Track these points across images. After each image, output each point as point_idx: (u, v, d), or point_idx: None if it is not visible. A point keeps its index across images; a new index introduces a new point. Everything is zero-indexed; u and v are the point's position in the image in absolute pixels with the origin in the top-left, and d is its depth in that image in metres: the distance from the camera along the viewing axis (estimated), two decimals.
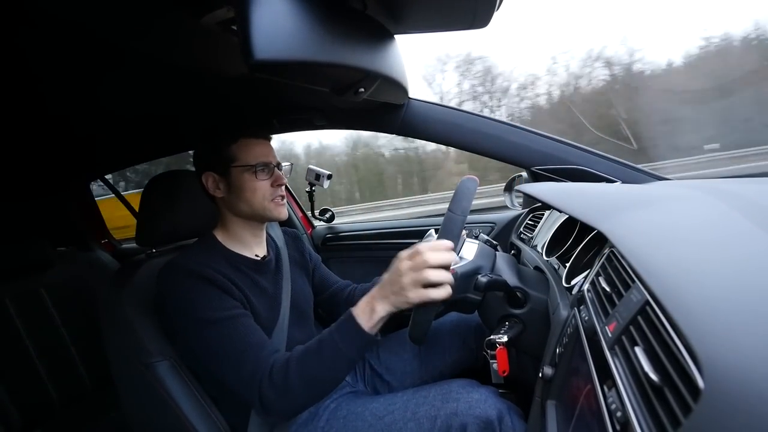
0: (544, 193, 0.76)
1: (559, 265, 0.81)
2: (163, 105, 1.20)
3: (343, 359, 0.70)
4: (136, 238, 0.93)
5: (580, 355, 0.44)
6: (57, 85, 0.94)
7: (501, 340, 0.69)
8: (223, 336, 0.73)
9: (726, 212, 0.47)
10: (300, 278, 1.00)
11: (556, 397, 0.53)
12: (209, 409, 0.82)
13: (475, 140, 1.17)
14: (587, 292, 0.53)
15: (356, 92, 0.87)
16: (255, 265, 0.89)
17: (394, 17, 0.83)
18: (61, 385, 1.36)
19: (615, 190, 0.81)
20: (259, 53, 0.56)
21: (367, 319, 0.69)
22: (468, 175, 0.70)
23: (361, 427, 0.76)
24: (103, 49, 0.79)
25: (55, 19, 0.66)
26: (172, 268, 0.79)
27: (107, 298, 0.88)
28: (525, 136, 1.15)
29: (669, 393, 0.26)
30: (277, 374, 0.70)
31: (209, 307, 0.74)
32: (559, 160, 1.12)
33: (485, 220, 1.52)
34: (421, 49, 3.14)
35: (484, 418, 0.69)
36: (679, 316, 0.28)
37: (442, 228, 0.68)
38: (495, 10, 0.78)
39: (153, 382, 0.80)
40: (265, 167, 0.85)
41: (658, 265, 0.37)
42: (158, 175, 0.94)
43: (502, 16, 0.82)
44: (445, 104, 1.19)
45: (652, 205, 0.60)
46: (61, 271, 1.47)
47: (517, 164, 1.19)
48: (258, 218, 0.89)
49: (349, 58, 0.73)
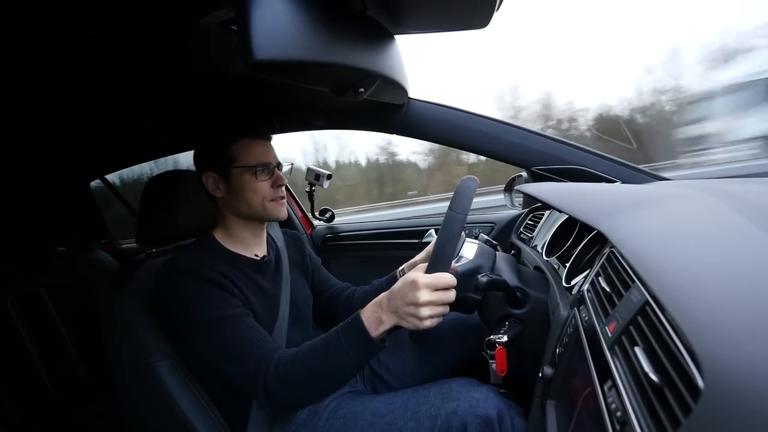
0: (544, 193, 0.77)
1: (559, 265, 0.81)
2: (163, 105, 1.20)
3: (350, 363, 0.70)
4: (136, 238, 0.93)
5: (580, 355, 0.45)
6: (57, 85, 0.94)
7: (501, 340, 0.69)
8: (226, 333, 0.73)
9: (726, 212, 0.47)
10: (299, 279, 1.00)
11: (556, 397, 0.53)
12: (209, 409, 0.82)
13: (475, 140, 1.17)
14: (587, 292, 0.53)
15: (356, 92, 0.87)
16: (255, 265, 0.89)
17: (394, 17, 0.84)
18: (61, 385, 1.36)
19: (615, 190, 0.81)
20: (259, 53, 0.56)
21: (374, 329, 0.68)
22: (468, 175, 0.70)
23: (362, 426, 0.76)
24: (104, 49, 0.79)
25: (55, 20, 0.66)
26: (170, 268, 0.79)
27: (107, 298, 0.88)
28: (525, 136, 1.15)
29: (669, 393, 0.26)
30: (285, 368, 0.70)
31: (209, 306, 0.74)
32: (559, 160, 1.12)
33: (485, 220, 1.52)
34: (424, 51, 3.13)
35: (484, 417, 0.69)
36: (679, 316, 0.28)
37: (442, 226, 0.68)
38: (495, 11, 0.78)
39: (153, 382, 0.79)
40: (265, 168, 0.86)
41: (658, 265, 0.37)
42: (158, 175, 0.93)
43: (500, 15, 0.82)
44: (445, 104, 1.19)
45: (652, 205, 0.60)
46: (61, 271, 1.46)
47: (517, 164, 1.19)
48: (258, 218, 0.89)
49: (349, 58, 0.73)
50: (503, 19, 0.85)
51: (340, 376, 0.72)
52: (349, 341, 0.69)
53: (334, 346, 0.69)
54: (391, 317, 0.68)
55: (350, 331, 0.70)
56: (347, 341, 0.69)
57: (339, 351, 0.69)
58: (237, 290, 0.79)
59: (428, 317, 0.65)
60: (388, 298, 0.69)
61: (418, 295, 0.64)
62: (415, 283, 0.65)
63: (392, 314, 0.68)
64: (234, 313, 0.75)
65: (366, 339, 0.68)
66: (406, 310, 0.66)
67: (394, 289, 0.69)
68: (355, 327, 0.69)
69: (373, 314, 0.69)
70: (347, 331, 0.70)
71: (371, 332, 0.68)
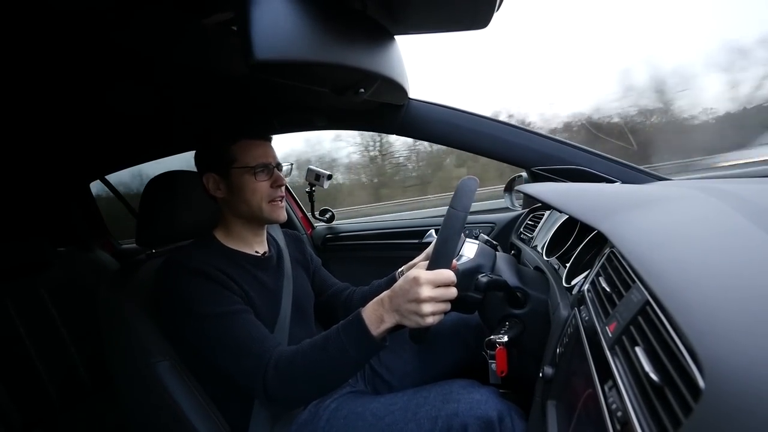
0: (544, 193, 0.77)
1: (559, 265, 0.81)
2: (163, 105, 1.20)
3: (350, 361, 0.70)
4: (136, 239, 0.93)
5: (580, 355, 0.44)
6: (57, 85, 0.94)
7: (501, 341, 0.69)
8: (225, 329, 0.73)
9: (726, 212, 0.47)
10: (301, 276, 1.00)
11: (557, 397, 0.53)
12: (209, 409, 0.82)
13: (475, 140, 1.17)
14: (587, 292, 0.52)
15: (356, 92, 0.87)
16: (256, 261, 0.89)
17: (393, 18, 0.84)
18: (61, 385, 1.36)
19: (615, 190, 0.81)
20: (259, 53, 0.56)
21: (375, 327, 0.68)
22: (469, 175, 0.71)
23: (362, 427, 0.76)
24: (104, 49, 0.79)
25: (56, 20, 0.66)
26: (170, 265, 0.79)
27: (107, 298, 0.88)
28: (525, 136, 1.15)
29: (669, 393, 0.26)
30: (284, 365, 0.70)
31: (208, 302, 0.74)
32: (559, 160, 1.12)
33: (485, 220, 1.52)
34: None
35: (484, 419, 0.69)
36: (680, 316, 0.28)
37: (444, 224, 0.68)
38: (495, 11, 0.79)
39: (153, 382, 0.79)
40: (264, 168, 0.86)
41: (658, 265, 0.37)
42: (158, 176, 0.93)
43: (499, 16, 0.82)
44: (445, 104, 1.19)
45: (653, 205, 0.60)
46: (61, 271, 1.46)
47: (517, 164, 1.19)
48: (257, 220, 0.90)
49: (349, 58, 0.73)
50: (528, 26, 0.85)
51: (341, 375, 0.72)
52: (349, 340, 0.69)
53: (335, 345, 0.69)
54: (392, 315, 0.68)
55: (351, 330, 0.69)
56: (348, 340, 0.69)
57: (339, 349, 0.69)
58: (237, 287, 0.79)
59: (430, 314, 0.65)
60: (390, 297, 0.69)
61: (419, 291, 0.64)
62: (416, 279, 0.65)
63: (394, 312, 0.68)
64: (233, 309, 0.75)
65: (367, 338, 0.68)
66: (407, 307, 0.66)
67: (395, 287, 0.69)
68: (356, 325, 0.69)
69: (374, 312, 0.69)
70: (348, 329, 0.70)
71: (372, 331, 0.68)
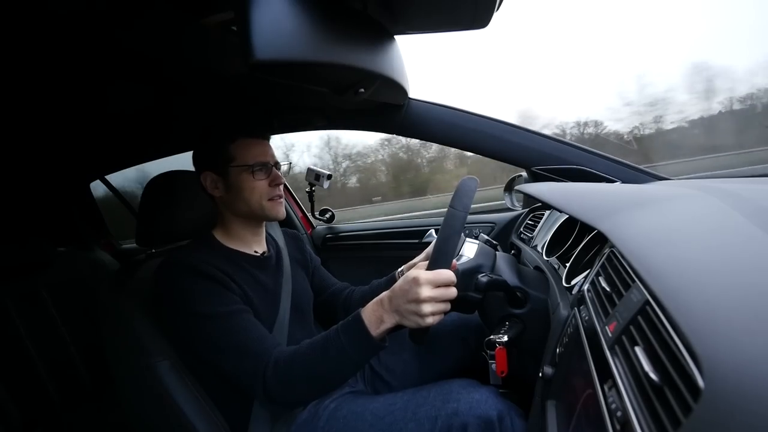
0: (544, 193, 0.77)
1: (559, 265, 0.81)
2: (163, 105, 1.20)
3: (350, 362, 0.70)
4: (136, 239, 0.93)
5: (580, 355, 0.44)
6: (57, 85, 0.94)
7: (501, 340, 0.69)
8: (224, 329, 0.73)
9: (726, 212, 0.47)
10: (300, 276, 1.00)
11: (557, 397, 0.53)
12: (209, 409, 0.82)
13: (475, 140, 1.17)
14: (587, 291, 0.52)
15: (356, 92, 0.87)
16: (255, 261, 0.89)
17: (393, 17, 0.84)
18: (61, 385, 1.36)
19: (615, 190, 0.81)
20: (259, 53, 0.56)
21: (375, 328, 0.68)
22: (469, 175, 0.71)
23: (362, 427, 0.76)
24: (104, 49, 0.79)
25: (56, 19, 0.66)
26: (168, 264, 0.79)
27: (107, 298, 0.88)
28: (525, 136, 1.15)
29: (669, 393, 0.26)
30: (284, 366, 0.70)
31: (208, 302, 0.74)
32: (559, 160, 1.12)
33: (485, 220, 1.52)
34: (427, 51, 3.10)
35: (484, 419, 0.69)
36: (679, 316, 0.28)
37: (444, 224, 0.68)
38: (495, 11, 0.79)
39: (153, 382, 0.79)
40: (262, 167, 0.86)
41: (658, 265, 0.37)
42: (158, 176, 0.94)
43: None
44: (445, 104, 1.19)
45: (653, 205, 0.60)
46: (61, 271, 1.46)
47: (517, 164, 1.19)
48: (256, 217, 0.89)
49: (349, 58, 0.73)
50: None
51: (340, 375, 0.72)
52: (349, 340, 0.69)
53: (334, 345, 0.69)
54: (392, 316, 0.68)
55: (351, 330, 0.69)
56: (347, 340, 0.69)
57: (339, 350, 0.69)
58: (236, 286, 0.79)
59: (430, 314, 0.65)
60: (390, 297, 0.68)
61: (419, 291, 0.64)
62: (416, 279, 0.65)
63: (394, 313, 0.67)
64: (232, 309, 0.75)
65: (366, 338, 0.68)
66: (407, 307, 0.65)
67: (395, 287, 0.69)
68: (355, 326, 0.69)
69: (374, 313, 0.69)
70: (348, 329, 0.70)
71: (372, 331, 0.68)
